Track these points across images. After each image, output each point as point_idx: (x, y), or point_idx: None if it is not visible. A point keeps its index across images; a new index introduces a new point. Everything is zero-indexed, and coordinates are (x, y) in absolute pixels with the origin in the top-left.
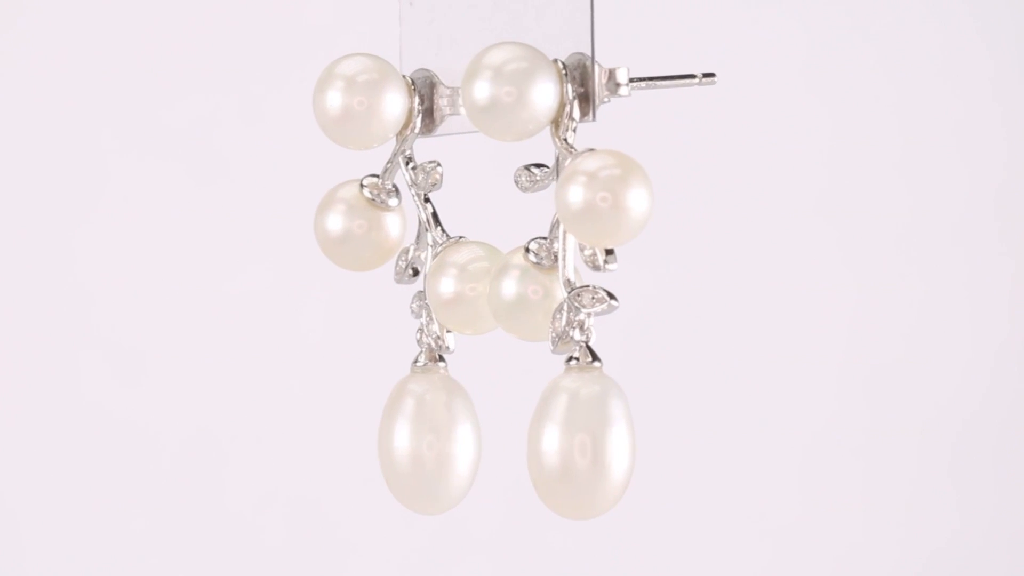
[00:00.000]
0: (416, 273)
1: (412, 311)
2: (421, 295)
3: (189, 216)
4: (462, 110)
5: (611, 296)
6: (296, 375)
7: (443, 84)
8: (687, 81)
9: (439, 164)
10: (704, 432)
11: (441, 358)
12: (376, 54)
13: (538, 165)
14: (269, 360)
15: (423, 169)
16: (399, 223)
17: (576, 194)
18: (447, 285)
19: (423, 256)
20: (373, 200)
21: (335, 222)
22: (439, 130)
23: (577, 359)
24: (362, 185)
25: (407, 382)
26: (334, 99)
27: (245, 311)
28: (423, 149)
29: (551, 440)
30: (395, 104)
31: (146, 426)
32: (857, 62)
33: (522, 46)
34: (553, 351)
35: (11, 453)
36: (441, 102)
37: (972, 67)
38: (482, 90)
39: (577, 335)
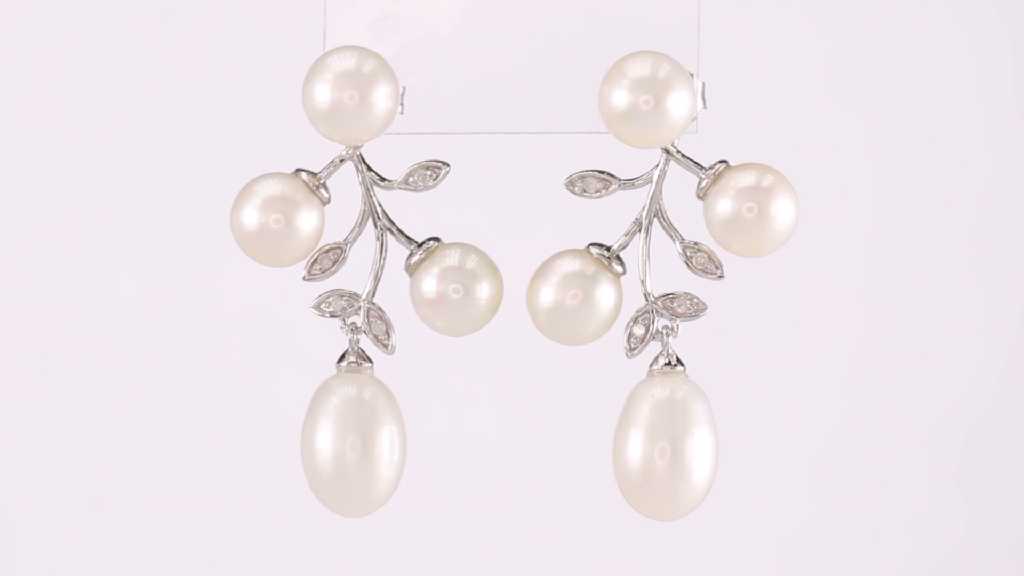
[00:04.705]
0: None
1: (328, 311)
2: (345, 295)
3: (166, 216)
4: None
5: (703, 303)
6: (291, 374)
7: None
8: None
9: (447, 164)
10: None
11: (368, 359)
12: (366, 47)
13: (608, 173)
14: (264, 360)
15: (430, 169)
16: (320, 220)
17: (724, 206)
18: (430, 285)
19: (348, 253)
20: (310, 188)
21: (251, 216)
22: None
23: (669, 363)
24: (299, 175)
25: (333, 382)
26: (323, 92)
27: (228, 315)
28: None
29: (636, 444)
30: (386, 97)
31: (132, 428)
32: (880, 61)
33: (660, 55)
34: (630, 356)
35: None
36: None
37: (997, 70)
38: (620, 97)
39: (671, 340)
